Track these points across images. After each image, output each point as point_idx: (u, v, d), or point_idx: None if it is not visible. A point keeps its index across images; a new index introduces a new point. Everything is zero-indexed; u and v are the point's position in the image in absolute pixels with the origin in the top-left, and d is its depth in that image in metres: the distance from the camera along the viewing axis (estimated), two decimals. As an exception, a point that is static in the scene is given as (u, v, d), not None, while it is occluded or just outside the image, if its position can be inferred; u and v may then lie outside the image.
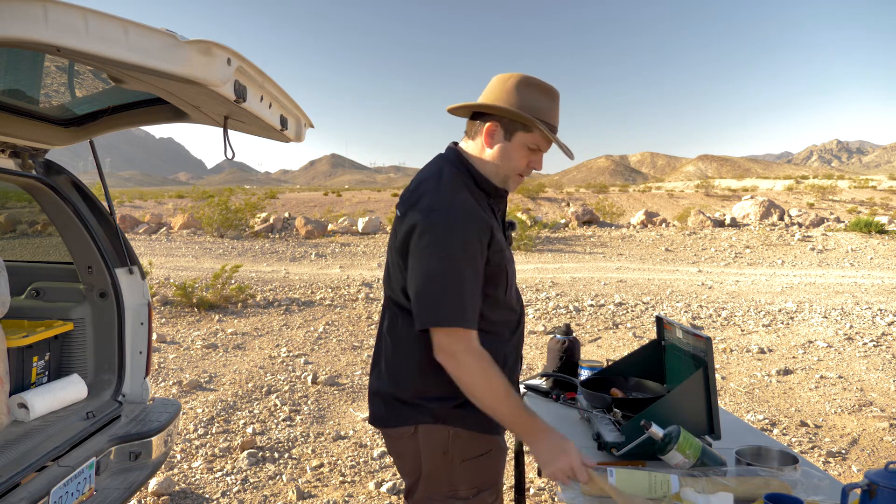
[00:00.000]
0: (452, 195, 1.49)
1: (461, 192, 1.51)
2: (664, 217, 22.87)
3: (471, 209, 1.47)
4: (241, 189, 38.12)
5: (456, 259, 1.42)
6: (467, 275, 1.43)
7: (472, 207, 1.48)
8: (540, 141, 1.54)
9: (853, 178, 48.02)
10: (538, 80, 1.54)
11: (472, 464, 1.56)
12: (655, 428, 1.62)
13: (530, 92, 1.52)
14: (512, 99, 1.51)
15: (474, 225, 1.45)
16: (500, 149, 1.54)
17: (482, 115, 1.56)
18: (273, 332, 7.12)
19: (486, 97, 1.55)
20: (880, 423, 4.47)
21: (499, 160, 1.55)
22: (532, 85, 1.53)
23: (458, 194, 1.50)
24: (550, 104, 1.53)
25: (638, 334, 7.16)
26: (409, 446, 1.58)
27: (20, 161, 2.59)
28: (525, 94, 1.51)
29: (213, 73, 1.53)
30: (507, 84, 1.53)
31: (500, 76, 1.56)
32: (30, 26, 1.25)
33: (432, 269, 1.42)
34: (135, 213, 22.97)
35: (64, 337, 2.72)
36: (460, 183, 1.53)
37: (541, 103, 1.52)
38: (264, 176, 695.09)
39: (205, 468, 3.62)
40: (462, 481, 1.55)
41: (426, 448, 1.55)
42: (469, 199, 1.50)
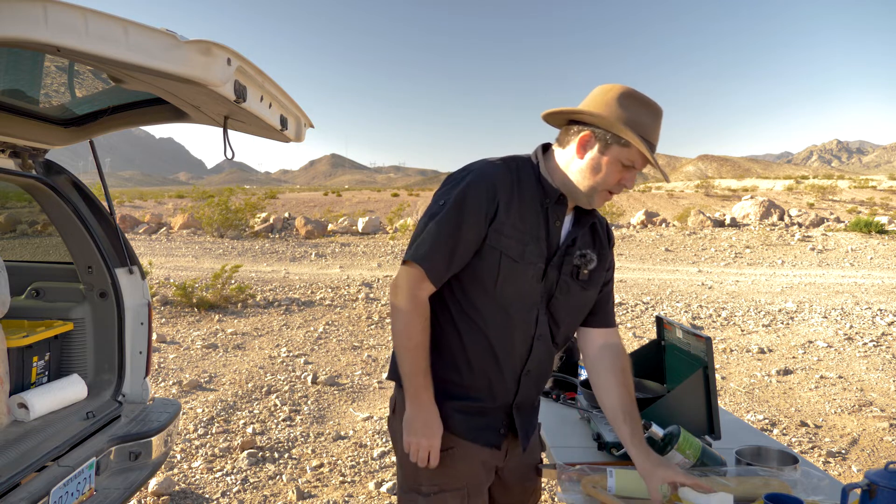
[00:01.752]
0: (487, 163, 1.48)
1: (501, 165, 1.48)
2: (664, 217, 22.87)
3: (492, 175, 1.45)
4: (241, 189, 38.12)
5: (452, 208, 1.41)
6: (449, 224, 1.41)
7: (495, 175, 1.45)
8: (636, 158, 1.43)
9: (853, 178, 48.00)
10: (642, 94, 1.45)
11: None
12: (655, 428, 1.62)
13: (633, 105, 1.43)
14: (613, 111, 1.42)
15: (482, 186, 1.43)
16: (593, 160, 1.45)
17: (578, 123, 1.47)
18: (273, 332, 7.12)
19: (586, 105, 1.46)
20: (880, 423, 4.47)
21: (589, 172, 1.45)
22: (635, 98, 1.43)
23: (495, 164, 1.48)
24: (653, 121, 1.44)
25: (638, 334, 7.16)
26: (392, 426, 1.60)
27: (20, 161, 2.59)
28: (627, 107, 1.42)
29: (213, 73, 1.53)
30: (609, 95, 1.44)
31: (603, 87, 1.48)
32: (30, 26, 1.25)
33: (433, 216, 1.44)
34: (135, 213, 22.97)
35: (64, 337, 2.72)
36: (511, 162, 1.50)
37: (643, 118, 1.42)
38: (264, 176, 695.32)
39: (205, 468, 3.62)
40: (424, 475, 1.51)
41: (398, 432, 1.54)
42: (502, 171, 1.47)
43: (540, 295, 1.51)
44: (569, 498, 1.49)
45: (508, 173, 1.47)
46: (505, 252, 1.44)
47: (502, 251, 1.44)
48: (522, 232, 1.46)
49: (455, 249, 1.42)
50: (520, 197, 1.47)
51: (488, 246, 1.44)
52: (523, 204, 1.47)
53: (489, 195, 1.42)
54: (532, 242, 1.47)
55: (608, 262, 1.65)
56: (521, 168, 1.50)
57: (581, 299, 1.58)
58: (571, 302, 1.56)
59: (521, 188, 1.48)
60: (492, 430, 1.54)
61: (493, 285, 1.46)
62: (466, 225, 1.41)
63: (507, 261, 1.45)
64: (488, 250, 1.44)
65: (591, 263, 1.55)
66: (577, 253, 1.53)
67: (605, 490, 1.49)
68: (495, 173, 1.45)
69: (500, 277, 1.46)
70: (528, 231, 1.47)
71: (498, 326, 1.49)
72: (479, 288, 1.47)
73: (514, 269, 1.46)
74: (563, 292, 1.53)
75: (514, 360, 1.52)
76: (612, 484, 1.50)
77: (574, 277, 1.54)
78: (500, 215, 1.43)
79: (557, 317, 1.55)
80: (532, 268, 1.47)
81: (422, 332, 1.43)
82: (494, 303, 1.48)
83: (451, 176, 1.50)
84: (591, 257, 1.55)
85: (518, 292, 1.48)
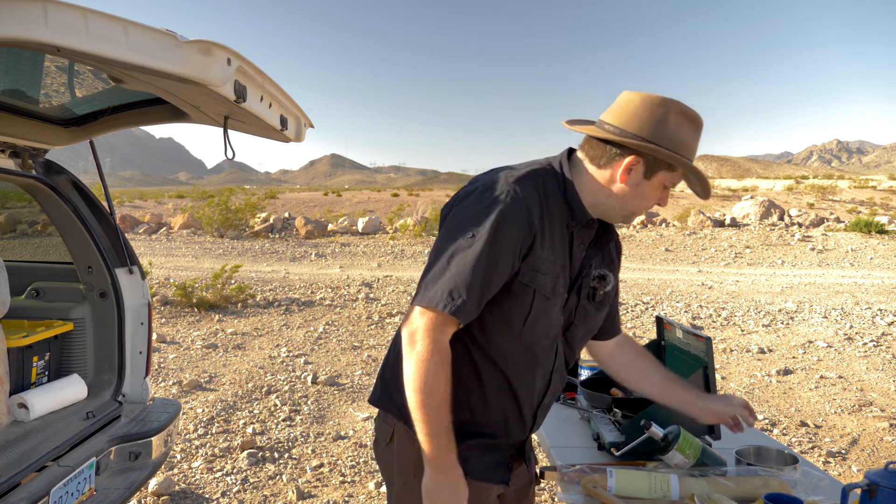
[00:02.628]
0: (516, 181, 1.29)
1: (528, 183, 1.30)
2: (664, 217, 22.87)
3: (524, 201, 1.26)
4: (241, 189, 38.12)
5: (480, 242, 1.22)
6: (473, 258, 1.22)
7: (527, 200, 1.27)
8: (679, 179, 1.34)
9: (853, 178, 48.00)
10: (688, 108, 1.31)
11: None
12: (655, 428, 1.62)
13: (680, 124, 1.29)
14: (661, 133, 1.28)
15: (518, 216, 1.25)
16: (636, 186, 1.32)
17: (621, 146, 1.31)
18: (273, 332, 7.12)
19: (629, 123, 1.30)
20: (880, 423, 4.47)
21: (631, 197, 1.33)
22: (683, 115, 1.30)
23: (524, 182, 1.29)
24: (696, 137, 1.32)
25: (638, 334, 7.16)
26: (385, 455, 1.44)
27: (20, 161, 2.59)
28: (675, 127, 1.29)
29: (213, 73, 1.53)
30: (657, 113, 1.29)
31: (646, 99, 1.31)
32: (30, 26, 1.24)
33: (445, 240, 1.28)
34: (135, 213, 22.97)
35: (64, 337, 2.72)
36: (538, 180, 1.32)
37: (688, 137, 1.30)
38: (264, 176, 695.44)
39: (205, 468, 3.62)
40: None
41: (399, 464, 1.38)
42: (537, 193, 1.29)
43: (561, 329, 1.40)
44: (569, 498, 1.49)
45: (537, 194, 1.30)
46: (539, 290, 1.30)
47: (536, 289, 1.29)
48: (554, 264, 1.32)
49: (486, 290, 1.25)
50: (550, 223, 1.31)
51: (519, 284, 1.28)
52: (553, 231, 1.31)
53: (525, 228, 1.25)
54: (561, 274, 1.34)
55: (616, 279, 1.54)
56: (547, 186, 1.33)
57: (596, 321, 1.50)
58: (588, 326, 1.47)
59: (551, 211, 1.31)
60: (503, 465, 1.43)
61: (521, 325, 1.32)
62: (503, 261, 1.24)
63: (540, 299, 1.30)
64: (519, 288, 1.29)
65: (609, 285, 1.42)
66: (594, 275, 1.41)
67: (605, 490, 1.49)
68: (528, 198, 1.27)
69: (530, 316, 1.31)
70: (557, 261, 1.33)
71: (520, 366, 1.35)
72: (504, 327, 1.32)
73: (545, 306, 1.32)
74: (581, 318, 1.43)
75: (533, 396, 1.41)
76: (612, 484, 1.50)
77: (591, 300, 1.42)
78: (536, 249, 1.28)
79: (573, 343, 1.46)
80: (560, 300, 1.35)
81: (445, 385, 1.23)
82: (520, 342, 1.33)
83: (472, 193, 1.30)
84: (610, 279, 1.42)
85: (546, 330, 1.35)
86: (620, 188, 1.32)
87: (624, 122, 1.30)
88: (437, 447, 1.23)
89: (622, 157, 1.31)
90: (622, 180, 1.31)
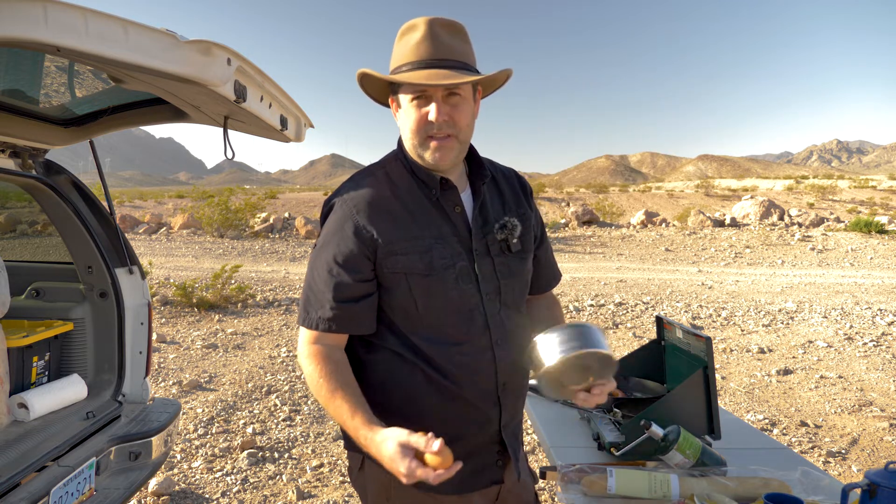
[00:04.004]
0: (354, 183, 1.35)
1: (369, 178, 1.34)
2: (664, 217, 22.87)
3: (359, 199, 1.30)
4: (241, 189, 38.12)
5: (320, 254, 1.30)
6: (321, 272, 1.29)
7: (362, 197, 1.30)
8: (412, 87, 1.26)
9: (853, 178, 47.99)
10: (408, 23, 1.30)
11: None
12: (655, 428, 1.62)
13: (398, 42, 1.31)
14: (391, 59, 1.32)
15: (352, 217, 1.28)
16: (399, 121, 1.33)
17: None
18: (273, 332, 7.12)
19: None
20: (880, 423, 4.47)
21: (403, 132, 1.32)
22: (401, 33, 1.31)
23: (362, 181, 1.34)
24: (404, 44, 1.28)
25: (638, 334, 7.16)
26: (358, 482, 1.41)
27: (20, 161, 2.59)
28: (395, 48, 1.31)
29: (213, 73, 1.53)
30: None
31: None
32: (30, 26, 1.24)
33: (308, 263, 1.35)
34: (135, 213, 22.97)
35: (64, 337, 2.72)
36: (379, 169, 1.36)
37: (397, 49, 1.30)
38: (264, 176, 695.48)
39: (205, 468, 3.62)
40: None
41: (371, 490, 1.37)
42: (369, 187, 1.32)
43: (478, 295, 1.31)
44: (569, 498, 1.49)
45: (377, 184, 1.32)
46: (409, 272, 1.27)
47: (405, 272, 1.27)
48: (418, 239, 1.28)
49: (329, 289, 1.27)
50: (400, 203, 1.30)
51: (389, 273, 1.27)
52: (406, 209, 1.30)
53: (357, 222, 1.28)
54: (436, 246, 1.28)
55: (533, 216, 1.46)
56: (389, 171, 1.35)
57: (524, 272, 1.41)
58: (517, 281, 1.39)
59: (397, 192, 1.32)
60: (488, 467, 1.38)
61: (415, 310, 1.28)
62: (345, 261, 1.27)
63: (416, 279, 1.27)
64: (390, 277, 1.28)
65: (517, 229, 1.36)
66: (495, 226, 1.34)
67: (605, 490, 1.49)
68: (360, 194, 1.31)
69: (418, 298, 1.28)
70: (426, 236, 1.29)
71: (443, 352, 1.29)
72: (404, 321, 1.30)
73: (429, 283, 1.27)
74: (505, 275, 1.35)
75: (482, 380, 1.32)
76: (612, 484, 1.50)
77: (507, 252, 1.35)
78: (383, 236, 1.26)
79: (511, 303, 1.37)
80: (451, 272, 1.28)
81: (329, 375, 1.25)
82: (427, 328, 1.30)
83: (323, 205, 1.38)
84: (513, 223, 1.35)
85: (452, 306, 1.29)
86: (400, 129, 1.33)
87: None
88: (351, 431, 1.22)
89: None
90: (397, 119, 1.34)
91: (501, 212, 1.39)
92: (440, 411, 1.31)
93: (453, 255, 1.29)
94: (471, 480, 1.35)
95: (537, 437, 1.99)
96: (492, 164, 1.47)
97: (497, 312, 1.33)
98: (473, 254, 1.31)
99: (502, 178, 1.46)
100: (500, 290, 1.34)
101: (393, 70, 1.29)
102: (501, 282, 1.34)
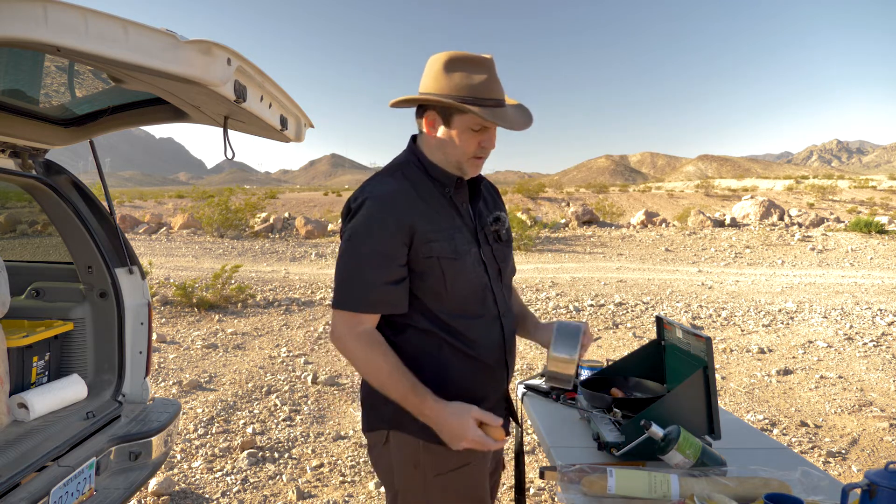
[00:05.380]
0: (379, 182, 1.48)
1: (390, 178, 1.49)
2: (664, 217, 22.87)
3: (390, 194, 1.44)
4: (241, 189, 38.11)
5: (360, 243, 1.41)
6: (367, 260, 1.40)
7: (393, 193, 1.44)
8: (480, 120, 1.44)
9: (853, 178, 47.99)
10: (466, 54, 1.44)
11: (446, 479, 1.48)
12: (655, 428, 1.62)
13: (458, 70, 1.42)
14: (441, 83, 1.43)
15: (389, 210, 1.41)
16: (444, 136, 1.47)
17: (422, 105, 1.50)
18: (273, 332, 7.12)
19: (422, 84, 1.48)
20: (880, 423, 4.47)
21: (446, 147, 1.48)
22: (458, 61, 1.43)
23: (386, 180, 1.48)
24: (483, 77, 1.43)
25: (638, 334, 7.16)
26: (383, 457, 1.54)
27: (20, 161, 2.59)
28: (453, 74, 1.42)
29: (213, 73, 1.53)
30: (435, 68, 1.45)
31: (431, 59, 1.48)
32: (30, 26, 1.25)
33: (341, 253, 1.45)
34: (135, 213, 22.97)
35: (64, 337, 2.72)
36: (397, 171, 1.51)
37: (471, 80, 1.42)
38: (264, 176, 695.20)
39: (205, 468, 3.62)
40: (438, 498, 1.48)
41: (398, 460, 1.50)
42: (396, 185, 1.46)
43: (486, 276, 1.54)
44: (569, 498, 1.49)
45: (401, 183, 1.47)
46: (441, 256, 1.44)
47: (438, 256, 1.44)
48: (444, 229, 1.47)
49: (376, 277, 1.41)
50: (423, 199, 1.47)
51: (423, 258, 1.44)
52: (429, 204, 1.48)
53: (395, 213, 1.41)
54: (457, 234, 1.49)
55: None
56: (406, 172, 1.51)
57: (511, 258, 1.68)
58: (509, 264, 1.65)
59: (420, 190, 1.48)
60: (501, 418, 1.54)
61: (444, 291, 1.46)
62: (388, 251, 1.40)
63: (447, 262, 1.45)
64: (425, 262, 1.44)
65: (506, 222, 1.63)
66: (489, 220, 1.59)
67: (604, 490, 1.49)
68: (390, 189, 1.45)
69: (447, 279, 1.46)
70: (448, 226, 1.48)
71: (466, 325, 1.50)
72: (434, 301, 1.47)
73: (455, 266, 1.46)
74: (502, 260, 1.61)
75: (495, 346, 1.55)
76: (612, 484, 1.50)
77: (499, 241, 1.60)
78: (418, 226, 1.43)
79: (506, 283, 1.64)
80: (469, 256, 1.49)
81: (384, 357, 1.40)
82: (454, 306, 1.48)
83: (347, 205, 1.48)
84: (503, 217, 1.62)
85: (471, 286, 1.50)
86: (438, 141, 1.49)
87: (421, 85, 1.49)
88: (413, 405, 1.39)
89: (423, 116, 1.49)
90: (431, 134, 1.49)
91: (490, 208, 1.64)
92: (466, 378, 1.51)
93: (468, 242, 1.51)
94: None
95: (537, 437, 1.99)
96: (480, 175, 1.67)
97: (500, 290, 1.59)
98: (479, 242, 1.54)
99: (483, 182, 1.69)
100: (500, 272, 1.60)
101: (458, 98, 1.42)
102: (500, 265, 1.60)
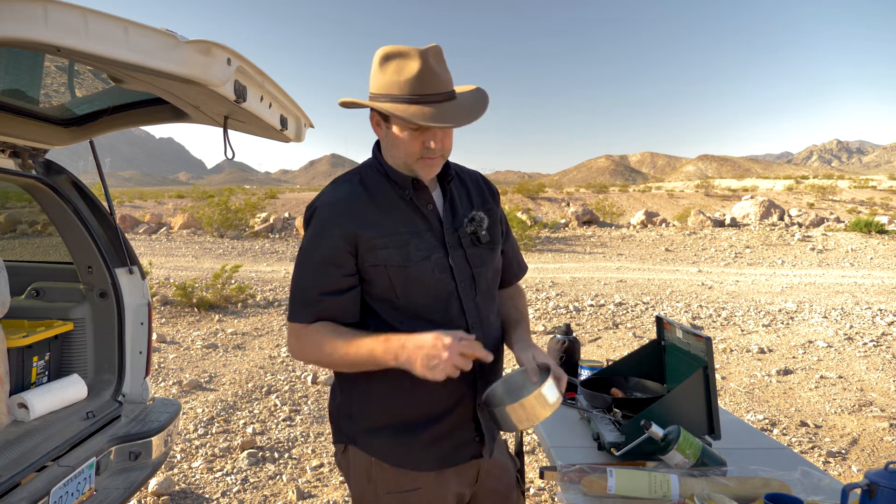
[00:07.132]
0: (332, 189, 1.44)
1: (346, 183, 1.44)
2: (664, 217, 22.87)
3: (338, 202, 1.39)
4: (241, 189, 38.11)
5: (307, 254, 1.40)
6: (312, 271, 1.39)
7: (340, 201, 1.40)
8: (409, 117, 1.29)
9: (853, 178, 47.98)
10: (397, 48, 1.32)
11: (397, 498, 1.43)
12: (655, 428, 1.62)
13: (390, 66, 1.32)
14: (377, 81, 1.34)
15: (334, 218, 1.37)
16: (387, 138, 1.40)
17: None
18: (273, 332, 7.12)
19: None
20: (880, 423, 4.47)
21: (391, 149, 1.40)
22: (390, 56, 1.32)
23: (340, 187, 1.43)
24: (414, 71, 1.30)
25: (638, 334, 7.16)
26: (342, 467, 1.53)
27: (20, 161, 2.59)
28: (386, 70, 1.32)
29: (213, 73, 1.53)
30: (373, 65, 1.36)
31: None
32: (30, 26, 1.25)
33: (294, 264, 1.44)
34: (135, 213, 22.97)
35: (64, 337, 2.72)
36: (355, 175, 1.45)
37: (401, 76, 1.30)
38: (264, 176, 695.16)
39: (205, 468, 3.62)
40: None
41: (354, 471, 1.48)
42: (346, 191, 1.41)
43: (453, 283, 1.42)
44: (569, 498, 1.49)
45: (353, 188, 1.42)
46: (388, 264, 1.37)
47: (385, 264, 1.37)
48: (397, 234, 1.38)
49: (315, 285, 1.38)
50: (376, 204, 1.40)
51: (370, 267, 1.37)
52: (381, 209, 1.40)
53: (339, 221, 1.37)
54: (413, 240, 1.39)
55: (498, 214, 1.57)
56: (364, 176, 1.44)
57: (494, 262, 1.53)
58: (488, 269, 1.50)
59: (373, 194, 1.42)
60: (467, 443, 1.48)
61: (396, 299, 1.39)
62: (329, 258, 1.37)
63: (394, 271, 1.37)
64: (372, 270, 1.38)
65: (485, 221, 1.48)
66: (464, 220, 1.47)
67: (604, 490, 1.49)
68: (338, 198, 1.40)
69: (397, 289, 1.38)
70: (402, 231, 1.39)
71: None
72: (387, 310, 1.40)
73: (406, 273, 1.37)
74: (478, 264, 1.46)
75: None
76: (612, 484, 1.50)
77: (477, 244, 1.47)
78: (364, 234, 1.36)
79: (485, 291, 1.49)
80: (427, 263, 1.39)
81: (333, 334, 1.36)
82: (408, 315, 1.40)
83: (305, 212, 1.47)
84: (480, 216, 1.48)
85: (430, 293, 1.40)
86: (385, 142, 1.42)
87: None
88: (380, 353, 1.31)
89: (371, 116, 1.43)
90: (380, 136, 1.44)
91: (469, 207, 1.51)
92: (420, 392, 1.40)
93: (429, 247, 1.41)
94: (451, 456, 1.46)
95: (537, 437, 1.99)
96: (458, 166, 1.59)
97: (472, 299, 1.45)
98: (447, 246, 1.43)
99: (468, 178, 1.58)
100: (474, 279, 1.46)
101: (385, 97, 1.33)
102: (474, 270, 1.46)
